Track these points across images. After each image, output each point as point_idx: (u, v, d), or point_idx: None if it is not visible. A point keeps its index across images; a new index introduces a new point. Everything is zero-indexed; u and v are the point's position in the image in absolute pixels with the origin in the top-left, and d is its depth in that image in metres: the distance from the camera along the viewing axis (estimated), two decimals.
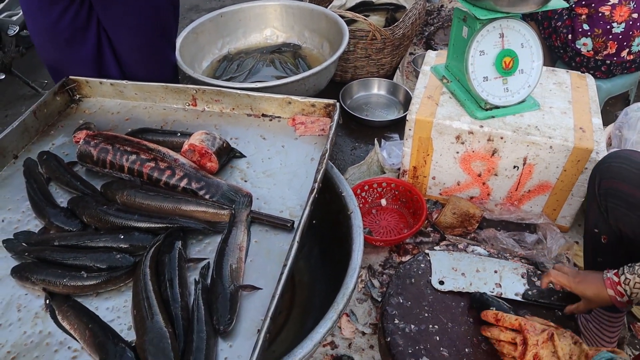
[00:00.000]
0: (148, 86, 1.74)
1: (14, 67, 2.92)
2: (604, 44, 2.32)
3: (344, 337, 1.69)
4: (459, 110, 1.90)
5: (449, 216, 1.99)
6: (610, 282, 1.18)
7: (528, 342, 1.10)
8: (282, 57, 2.69)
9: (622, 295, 1.16)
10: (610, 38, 2.29)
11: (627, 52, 2.33)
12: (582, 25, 2.33)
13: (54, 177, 1.48)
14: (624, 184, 1.29)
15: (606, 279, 1.19)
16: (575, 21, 2.36)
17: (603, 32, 2.29)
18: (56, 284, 1.17)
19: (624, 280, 1.16)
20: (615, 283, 1.17)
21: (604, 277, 1.20)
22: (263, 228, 1.30)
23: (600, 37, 2.30)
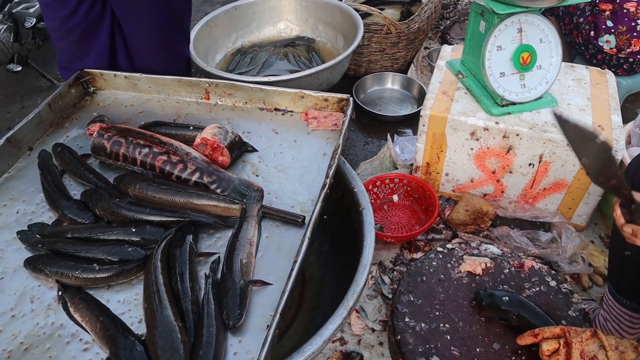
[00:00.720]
0: (162, 79, 1.74)
1: (30, 59, 2.94)
2: (627, 41, 2.27)
3: (354, 333, 1.68)
4: (475, 106, 1.88)
5: (461, 213, 1.97)
6: None
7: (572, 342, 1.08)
8: (296, 51, 2.68)
9: None
10: (635, 35, 2.25)
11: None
12: (606, 22, 2.29)
13: (67, 169, 1.49)
14: None
15: None
16: (599, 17, 2.31)
17: (627, 29, 2.24)
18: (69, 276, 1.19)
19: None
20: None
21: None
22: (274, 223, 1.30)
23: (625, 34, 2.26)
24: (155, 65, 1.94)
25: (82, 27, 1.80)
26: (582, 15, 2.39)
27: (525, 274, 1.50)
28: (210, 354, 0.99)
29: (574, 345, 1.07)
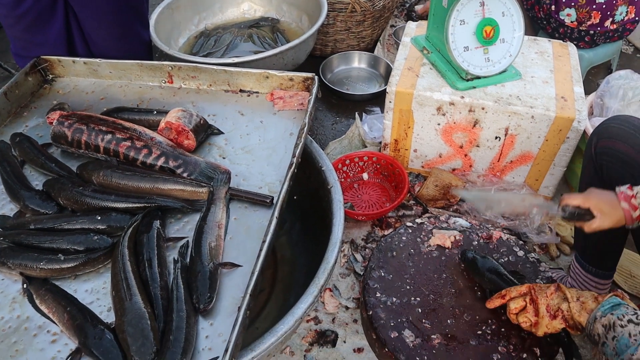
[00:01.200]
0: (122, 64, 1.70)
1: None
2: (587, 14, 2.30)
3: (328, 312, 1.69)
4: (440, 81, 1.88)
5: (431, 189, 1.99)
6: (624, 195, 1.17)
7: (537, 298, 1.11)
8: (260, 32, 2.64)
9: (635, 209, 1.15)
10: (594, 8, 2.27)
11: (611, 21, 2.32)
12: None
13: (28, 159, 1.45)
14: (621, 143, 1.32)
15: (619, 192, 1.18)
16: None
17: (587, 2, 2.26)
18: (33, 268, 1.16)
19: (637, 193, 1.16)
20: (629, 196, 1.16)
21: (617, 192, 1.18)
22: (242, 205, 1.29)
23: (584, 7, 2.28)
24: (114, 51, 1.89)
25: (34, 14, 1.73)
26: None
27: (493, 245, 1.52)
28: (181, 338, 0.99)
29: (540, 301, 1.11)
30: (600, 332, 0.99)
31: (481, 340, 1.18)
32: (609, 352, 0.97)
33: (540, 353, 1.15)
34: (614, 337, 0.96)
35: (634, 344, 0.92)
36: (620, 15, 2.30)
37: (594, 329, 1.01)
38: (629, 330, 0.95)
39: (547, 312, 1.10)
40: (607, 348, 0.97)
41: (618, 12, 2.29)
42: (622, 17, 2.32)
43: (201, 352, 1.02)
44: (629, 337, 0.94)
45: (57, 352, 1.05)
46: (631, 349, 0.92)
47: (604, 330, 0.98)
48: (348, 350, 1.60)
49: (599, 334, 0.99)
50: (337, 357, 1.58)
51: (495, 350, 1.16)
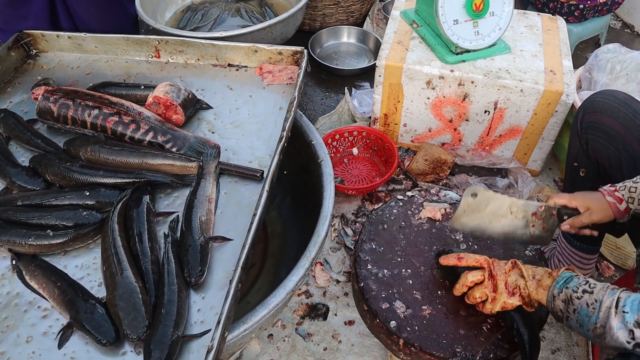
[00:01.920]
0: (108, 38, 1.67)
1: None
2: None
3: (319, 285, 1.71)
4: (430, 55, 1.87)
5: (420, 163, 2.00)
6: (607, 192, 1.21)
7: (496, 275, 1.12)
8: (248, 6, 2.59)
9: (621, 201, 1.19)
10: None
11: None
12: None
13: (13, 135, 1.42)
14: (606, 117, 1.33)
15: (602, 190, 1.22)
16: None
17: None
18: (22, 244, 1.15)
19: (620, 187, 1.20)
20: (613, 190, 1.20)
21: (601, 190, 1.22)
22: (232, 179, 1.28)
23: None
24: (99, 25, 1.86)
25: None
26: None
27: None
28: (172, 311, 0.99)
29: (498, 277, 1.12)
30: (561, 307, 1.00)
31: (470, 310, 1.20)
32: (574, 325, 0.98)
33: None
34: (574, 309, 0.97)
35: (593, 313, 0.93)
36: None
37: (555, 306, 1.02)
38: (586, 300, 0.96)
39: (505, 289, 1.11)
40: (572, 321, 0.99)
41: None
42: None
43: (193, 325, 1.02)
44: (587, 307, 0.95)
45: (48, 327, 1.05)
46: (592, 318, 0.93)
47: (565, 305, 1.00)
48: (339, 323, 1.62)
49: (560, 309, 1.01)
50: (329, 329, 1.60)
51: (484, 321, 1.18)
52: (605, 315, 0.91)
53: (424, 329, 1.17)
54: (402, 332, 1.16)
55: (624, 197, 1.19)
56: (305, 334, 1.59)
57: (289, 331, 1.60)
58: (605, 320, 0.91)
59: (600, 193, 1.22)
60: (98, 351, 1.00)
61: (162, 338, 0.95)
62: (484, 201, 1.27)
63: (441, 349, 1.14)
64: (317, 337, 1.59)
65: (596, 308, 0.93)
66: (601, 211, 1.22)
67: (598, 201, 1.21)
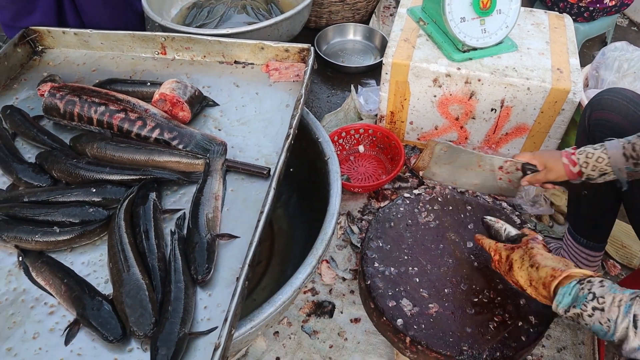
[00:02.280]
0: (114, 35, 1.67)
1: None
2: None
3: (325, 283, 1.71)
4: (436, 52, 1.87)
5: (427, 161, 1.99)
6: (565, 153, 1.29)
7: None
8: (254, 3, 2.59)
9: (575, 164, 1.26)
10: None
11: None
12: None
13: (19, 132, 1.42)
14: (613, 115, 1.34)
15: (563, 151, 1.30)
16: None
17: None
18: (28, 241, 1.15)
19: (579, 150, 1.27)
20: (570, 153, 1.28)
21: (561, 151, 1.31)
22: (239, 176, 1.28)
23: None
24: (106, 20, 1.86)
25: None
26: None
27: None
28: (179, 308, 0.99)
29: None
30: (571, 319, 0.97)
31: (478, 308, 1.19)
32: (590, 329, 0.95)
33: (535, 320, 1.17)
34: (586, 324, 0.93)
35: (608, 330, 0.89)
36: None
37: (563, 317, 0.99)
38: (597, 319, 0.91)
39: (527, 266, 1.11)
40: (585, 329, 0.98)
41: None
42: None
43: (200, 322, 1.02)
44: (601, 325, 0.91)
45: (55, 323, 1.05)
46: (609, 335, 0.89)
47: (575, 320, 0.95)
48: (345, 320, 1.61)
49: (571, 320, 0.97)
50: (334, 327, 1.60)
51: (491, 319, 1.17)
52: (624, 335, 0.87)
53: (431, 327, 1.16)
54: (408, 330, 1.16)
55: (579, 162, 1.25)
56: (311, 332, 1.59)
57: (294, 328, 1.60)
58: (623, 338, 0.87)
59: (558, 153, 1.30)
60: (104, 348, 1.00)
61: (168, 335, 0.95)
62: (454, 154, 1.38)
63: (448, 347, 1.13)
64: (323, 335, 1.59)
65: (611, 327, 0.89)
66: (556, 171, 1.31)
67: (554, 161, 1.31)
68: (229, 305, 0.96)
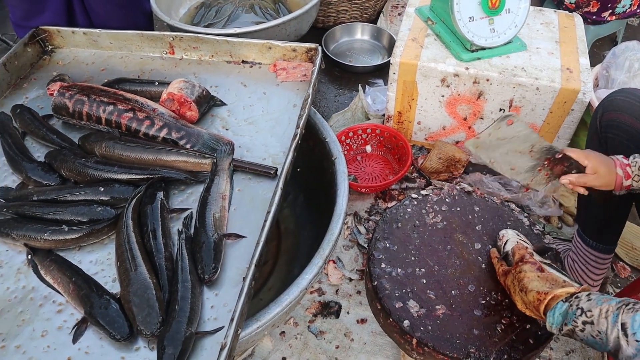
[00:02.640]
0: (123, 34, 1.67)
1: None
2: (587, 1, 2.24)
3: (331, 283, 1.70)
4: (444, 52, 1.86)
5: (434, 161, 1.98)
6: (620, 163, 1.20)
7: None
8: (262, 3, 2.59)
9: (629, 177, 1.18)
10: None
11: (610, 13, 2.25)
12: None
13: (29, 131, 1.43)
14: (626, 116, 1.31)
15: (615, 159, 1.21)
16: None
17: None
18: (37, 239, 1.16)
19: (632, 162, 1.19)
20: (625, 164, 1.19)
21: (614, 159, 1.21)
22: (246, 176, 1.28)
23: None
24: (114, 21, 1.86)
25: None
26: None
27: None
28: (186, 308, 0.99)
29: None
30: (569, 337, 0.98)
31: (485, 310, 1.19)
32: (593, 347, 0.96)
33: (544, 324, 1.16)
34: (581, 339, 0.95)
35: (602, 342, 0.90)
36: (623, 8, 2.24)
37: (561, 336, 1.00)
38: (589, 332, 0.92)
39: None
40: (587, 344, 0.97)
41: (621, 5, 2.22)
42: (625, 10, 2.25)
43: (207, 321, 1.02)
44: (594, 338, 0.92)
45: (63, 321, 1.05)
46: (603, 347, 0.90)
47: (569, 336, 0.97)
48: (351, 321, 1.61)
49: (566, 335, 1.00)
50: (341, 327, 1.60)
51: (499, 321, 1.17)
52: (617, 344, 0.88)
53: (438, 329, 1.16)
54: (415, 331, 1.15)
55: (632, 174, 1.18)
56: (318, 332, 1.59)
57: (301, 329, 1.60)
58: (617, 348, 0.88)
59: (612, 161, 1.21)
60: (112, 346, 1.00)
61: (175, 334, 0.95)
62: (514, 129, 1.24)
63: (455, 349, 1.13)
64: (329, 335, 1.58)
65: (603, 339, 0.90)
66: (606, 180, 1.21)
67: (607, 169, 1.21)
68: (236, 305, 0.96)
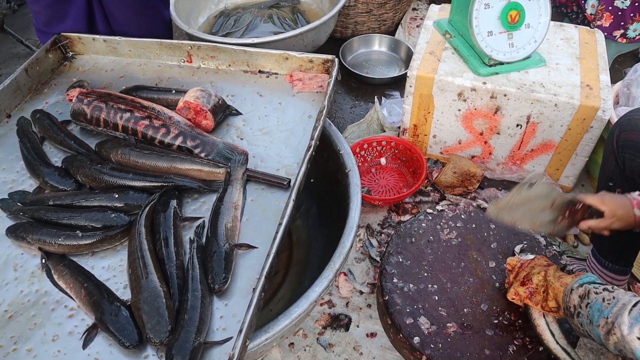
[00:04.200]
0: (142, 42, 1.69)
1: (6, 25, 2.85)
2: (601, 12, 2.21)
3: (342, 296, 1.69)
4: (462, 66, 1.85)
5: (449, 175, 1.97)
6: (637, 201, 1.18)
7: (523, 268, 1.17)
8: (280, 12, 2.61)
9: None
10: (609, 10, 2.17)
11: (621, 34, 2.21)
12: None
13: (47, 136, 1.45)
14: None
15: (632, 198, 1.19)
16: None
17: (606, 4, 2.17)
18: (52, 244, 1.17)
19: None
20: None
21: (630, 198, 1.20)
22: (259, 186, 1.28)
23: (602, 3, 2.19)
24: (134, 29, 1.88)
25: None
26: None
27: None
28: (195, 317, 0.99)
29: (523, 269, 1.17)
30: (575, 302, 1.00)
31: (497, 330, 1.17)
32: (584, 322, 0.98)
33: None
34: (588, 304, 0.97)
35: (607, 307, 0.93)
36: (634, 32, 2.20)
37: (570, 300, 1.02)
38: (603, 296, 0.96)
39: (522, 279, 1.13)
40: (582, 317, 0.98)
41: (631, 29, 2.19)
42: (635, 35, 2.21)
43: (215, 332, 1.02)
44: (602, 302, 0.94)
45: (74, 327, 1.06)
46: (605, 312, 0.93)
47: (579, 300, 1.00)
48: (361, 334, 1.60)
49: (574, 305, 1.01)
50: (350, 341, 1.58)
51: (511, 342, 1.15)
52: (619, 311, 0.90)
53: (448, 347, 1.15)
54: (425, 348, 1.14)
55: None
56: (327, 345, 1.58)
57: (310, 340, 1.59)
58: (616, 316, 0.90)
59: (629, 202, 1.20)
60: (121, 353, 1.01)
61: (184, 344, 0.95)
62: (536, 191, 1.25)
63: None
64: (338, 348, 1.57)
65: (611, 304, 0.93)
66: (625, 221, 1.20)
67: (625, 211, 1.20)
68: (245, 317, 0.95)
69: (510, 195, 1.25)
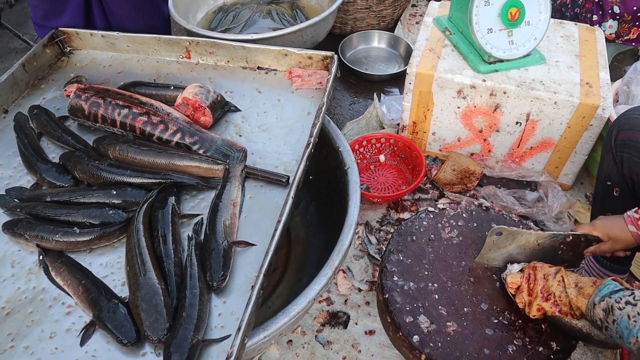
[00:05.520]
0: (140, 38, 1.68)
1: (3, 19, 2.83)
2: (628, 29, 2.20)
3: (340, 293, 1.69)
4: (462, 63, 1.84)
5: (448, 173, 1.96)
6: (630, 219, 1.18)
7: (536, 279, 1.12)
8: (280, 8, 2.59)
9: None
10: (637, 25, 2.17)
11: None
12: (613, 7, 2.19)
13: (45, 131, 1.45)
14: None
15: (626, 217, 1.19)
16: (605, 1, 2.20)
17: (633, 17, 2.15)
18: (49, 240, 1.16)
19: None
20: (636, 219, 1.17)
21: (624, 216, 1.19)
22: (258, 183, 1.28)
23: (628, 22, 2.17)
24: (132, 24, 1.87)
25: None
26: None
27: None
28: (193, 315, 0.98)
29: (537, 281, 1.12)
30: (601, 316, 0.99)
31: (497, 330, 1.17)
32: (615, 336, 0.97)
33: (557, 347, 1.14)
34: (614, 320, 0.96)
35: (634, 326, 0.91)
36: None
37: (594, 315, 1.01)
38: (627, 312, 0.94)
39: (541, 293, 1.11)
40: (611, 332, 0.98)
41: None
42: None
43: (213, 329, 1.02)
44: (628, 319, 0.93)
45: (71, 324, 1.06)
46: (634, 331, 0.91)
47: (604, 315, 0.98)
48: (359, 332, 1.59)
49: (600, 319, 1.00)
50: (349, 338, 1.58)
51: (511, 342, 1.15)
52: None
53: (447, 346, 1.14)
54: (424, 347, 1.14)
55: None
56: (325, 342, 1.57)
57: (308, 338, 1.59)
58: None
59: (623, 221, 1.19)
60: (119, 350, 1.00)
61: (182, 341, 0.95)
62: (509, 238, 1.28)
63: None
64: (336, 346, 1.57)
65: (638, 321, 0.91)
66: (624, 241, 1.20)
67: (619, 229, 1.19)
68: (243, 314, 0.95)
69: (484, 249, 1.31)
